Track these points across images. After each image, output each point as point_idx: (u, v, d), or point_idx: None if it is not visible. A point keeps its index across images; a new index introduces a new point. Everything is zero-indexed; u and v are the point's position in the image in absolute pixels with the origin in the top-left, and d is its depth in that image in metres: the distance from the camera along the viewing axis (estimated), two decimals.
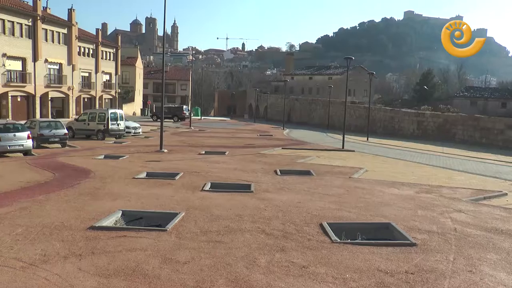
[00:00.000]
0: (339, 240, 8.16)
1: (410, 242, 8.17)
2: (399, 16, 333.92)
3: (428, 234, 8.84)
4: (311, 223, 9.35)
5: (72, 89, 52.66)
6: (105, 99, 62.64)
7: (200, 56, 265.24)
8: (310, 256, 7.28)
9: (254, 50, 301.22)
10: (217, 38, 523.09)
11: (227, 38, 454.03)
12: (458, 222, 9.89)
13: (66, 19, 51.76)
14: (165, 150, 23.56)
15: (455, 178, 17.12)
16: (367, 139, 36.73)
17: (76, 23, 53.17)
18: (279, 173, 16.53)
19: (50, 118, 39.39)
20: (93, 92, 58.30)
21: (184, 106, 64.13)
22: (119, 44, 67.24)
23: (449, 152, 28.74)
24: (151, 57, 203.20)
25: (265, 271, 6.56)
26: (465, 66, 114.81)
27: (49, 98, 48.70)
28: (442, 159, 24.15)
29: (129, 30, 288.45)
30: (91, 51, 58.10)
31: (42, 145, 24.81)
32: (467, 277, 6.60)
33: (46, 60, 47.42)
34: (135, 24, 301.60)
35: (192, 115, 56.74)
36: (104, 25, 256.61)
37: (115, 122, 31.28)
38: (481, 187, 15.02)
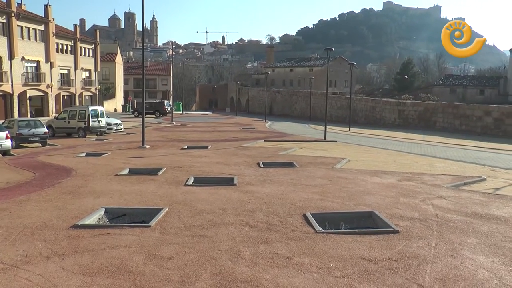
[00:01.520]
0: (322, 230, 8.21)
1: (392, 229, 8.26)
2: (378, 7, 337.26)
3: (410, 221, 8.96)
4: (294, 214, 9.40)
5: (51, 87, 51.92)
6: (85, 96, 61.92)
7: (180, 51, 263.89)
8: (294, 247, 7.32)
9: (234, 43, 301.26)
10: (197, 32, 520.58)
11: (207, 32, 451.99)
12: (440, 208, 10.04)
13: (43, 16, 50.92)
14: (147, 146, 23.43)
15: (436, 165, 17.35)
16: (349, 129, 36.97)
17: (53, 19, 52.33)
18: (262, 165, 16.55)
19: (29, 117, 38.87)
20: (72, 90, 57.56)
21: (166, 101, 63.71)
22: (98, 40, 66.40)
23: (430, 139, 29.11)
24: (131, 52, 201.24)
25: (250, 263, 6.58)
26: (444, 55, 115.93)
27: (28, 97, 47.93)
28: (423, 147, 24.44)
29: (107, 25, 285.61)
30: (69, 48, 57.30)
31: (22, 144, 24.48)
32: (448, 262, 6.71)
33: (22, 58, 46.62)
34: (113, 19, 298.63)
35: (173, 110, 56.53)
36: (82, 21, 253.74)
37: (96, 119, 30.98)
38: (461, 173, 15.26)
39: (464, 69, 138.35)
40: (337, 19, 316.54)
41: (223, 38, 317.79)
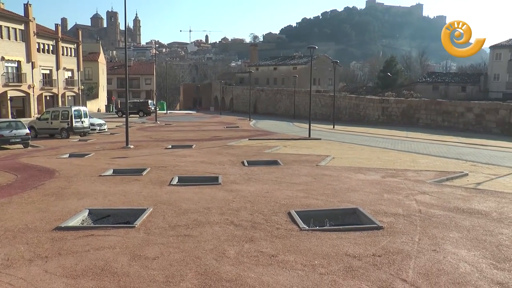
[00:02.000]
0: (307, 228, 8.24)
1: (377, 225, 8.33)
2: (361, 5, 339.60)
3: (394, 216, 9.04)
4: (279, 212, 9.42)
5: (33, 87, 51.27)
6: (68, 96, 61.28)
7: (164, 50, 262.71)
8: (279, 244, 7.34)
9: (218, 42, 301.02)
10: (180, 31, 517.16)
11: (190, 31, 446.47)
12: (423, 204, 10.15)
13: (23, 15, 50.20)
14: (131, 146, 23.28)
15: (419, 161, 17.54)
16: (333, 127, 37.14)
17: (34, 18, 51.65)
18: (246, 164, 16.55)
19: (10, 118, 38.31)
20: (55, 90, 56.93)
21: (149, 101, 63.41)
22: (80, 39, 65.75)
23: (413, 136, 29.41)
24: (114, 51, 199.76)
25: (235, 262, 6.58)
26: (426, 52, 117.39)
27: (8, 98, 47.25)
28: (407, 144, 24.67)
29: (90, 24, 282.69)
30: (51, 48, 56.63)
31: (3, 146, 24.12)
32: (431, 256, 6.80)
33: (2, 58, 45.95)
34: (96, 18, 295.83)
35: (157, 109, 56.25)
36: (64, 20, 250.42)
37: (79, 120, 30.68)
38: (444, 169, 15.45)
39: (446, 66, 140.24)
40: (320, 17, 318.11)
41: (207, 37, 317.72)
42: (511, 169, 15.90)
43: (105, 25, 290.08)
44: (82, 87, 65.63)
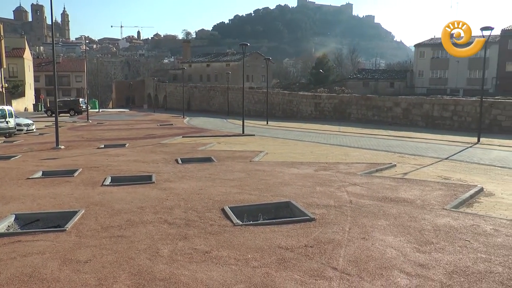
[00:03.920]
0: (240, 223, 8.32)
1: (309, 217, 8.54)
2: (293, 3, 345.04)
3: (326, 208, 9.32)
4: (213, 208, 9.44)
5: None
6: None
7: (94, 46, 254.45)
8: (213, 241, 7.37)
9: (150, 38, 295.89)
10: (111, 27, 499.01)
11: (121, 26, 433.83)
12: (353, 195, 10.54)
13: None
14: (62, 147, 22.44)
15: (351, 154, 18.16)
16: (267, 123, 37.58)
17: None
18: (180, 162, 16.41)
19: None
20: None
21: (81, 99, 61.35)
22: (2, 33, 62.06)
23: (345, 130, 30.40)
24: (41, 47, 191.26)
25: (168, 260, 6.54)
26: (357, 50, 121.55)
27: None
28: (339, 138, 25.45)
29: (13, 18, 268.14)
30: None
31: None
32: (360, 244, 7.09)
33: None
34: (19, 11, 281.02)
35: (89, 108, 54.60)
36: None
37: (3, 120, 29.13)
38: (374, 161, 16.13)
39: (375, 63, 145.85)
40: (253, 15, 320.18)
41: (139, 32, 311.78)
42: (434, 159, 16.91)
43: (30, 19, 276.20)
44: (6, 85, 62.14)
